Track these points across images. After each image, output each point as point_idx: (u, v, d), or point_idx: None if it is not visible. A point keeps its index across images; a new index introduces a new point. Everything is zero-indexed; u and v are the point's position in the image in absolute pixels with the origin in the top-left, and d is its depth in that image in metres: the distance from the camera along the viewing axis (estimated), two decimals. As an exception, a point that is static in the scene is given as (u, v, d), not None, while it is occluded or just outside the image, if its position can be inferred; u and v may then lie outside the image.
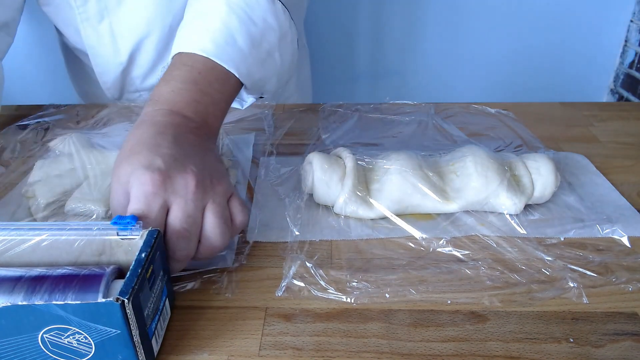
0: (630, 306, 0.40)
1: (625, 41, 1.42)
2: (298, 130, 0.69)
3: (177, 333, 0.38)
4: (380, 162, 0.52)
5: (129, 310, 0.31)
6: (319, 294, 0.42)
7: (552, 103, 0.78)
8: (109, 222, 0.37)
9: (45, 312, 0.31)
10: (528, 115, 0.71)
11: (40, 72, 1.41)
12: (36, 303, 0.30)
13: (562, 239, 0.48)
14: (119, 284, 0.32)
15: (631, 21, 1.39)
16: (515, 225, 0.49)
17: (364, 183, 0.51)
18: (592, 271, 0.44)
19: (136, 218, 0.37)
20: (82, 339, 0.32)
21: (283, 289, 0.42)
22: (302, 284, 0.43)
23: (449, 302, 0.41)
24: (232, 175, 0.56)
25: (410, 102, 0.73)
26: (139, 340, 0.32)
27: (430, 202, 0.49)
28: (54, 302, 0.30)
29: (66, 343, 0.32)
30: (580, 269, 0.44)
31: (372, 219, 0.50)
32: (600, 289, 0.42)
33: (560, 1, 1.36)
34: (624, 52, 1.43)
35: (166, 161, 0.40)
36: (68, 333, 0.31)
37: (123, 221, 0.36)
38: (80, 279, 0.33)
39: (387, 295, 0.42)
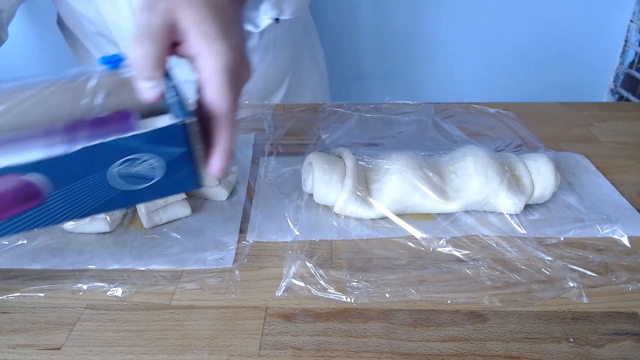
0: (630, 306, 0.40)
1: (625, 41, 1.42)
2: (298, 130, 0.69)
3: (177, 333, 0.39)
4: (380, 162, 0.52)
5: (193, 129, 0.34)
6: (319, 294, 0.42)
7: (552, 103, 0.78)
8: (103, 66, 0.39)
9: (116, 147, 0.33)
10: (528, 115, 0.71)
11: (40, 72, 1.41)
12: (108, 140, 0.32)
13: (562, 239, 0.48)
14: (160, 119, 0.36)
15: (631, 21, 1.39)
16: (515, 225, 0.49)
17: (364, 183, 0.51)
18: (592, 271, 0.44)
19: (121, 58, 0.38)
20: (150, 164, 0.34)
21: (283, 289, 0.42)
22: (302, 284, 0.43)
23: (449, 302, 0.41)
24: (232, 175, 0.56)
25: (410, 102, 0.73)
26: (198, 158, 0.36)
27: (430, 202, 0.49)
28: (125, 135, 0.32)
29: (135, 172, 0.34)
30: (580, 269, 0.44)
31: (372, 219, 0.50)
32: (600, 288, 0.42)
33: (560, 1, 1.36)
34: (624, 52, 1.43)
35: (240, 47, 0.38)
36: (138, 162, 0.34)
37: (113, 59, 0.38)
38: (113, 120, 0.35)
39: (387, 295, 0.42)
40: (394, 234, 0.48)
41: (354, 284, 0.43)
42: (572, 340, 0.38)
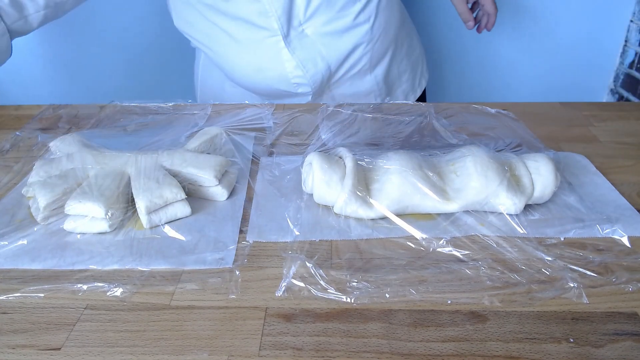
0: (630, 306, 0.40)
1: (625, 41, 1.42)
2: (298, 130, 0.69)
3: (177, 333, 0.39)
4: (380, 162, 0.52)
5: None
6: (319, 294, 0.42)
7: (552, 103, 0.78)
8: None
9: None
10: (528, 115, 0.71)
11: (40, 72, 1.41)
12: None
13: (562, 239, 0.48)
14: None
15: (631, 21, 1.39)
16: (515, 225, 0.49)
17: (364, 183, 0.51)
18: (592, 271, 0.44)
19: None
20: None
21: (283, 289, 0.42)
22: (302, 284, 0.43)
23: (449, 302, 0.41)
24: (232, 175, 0.56)
25: (410, 102, 0.73)
26: None
27: (430, 202, 0.49)
28: None
29: None
30: (580, 269, 0.44)
31: (372, 219, 0.50)
32: (600, 289, 0.42)
33: (560, 1, 1.36)
34: (624, 52, 1.43)
35: None
36: None
37: None
38: None
39: (387, 295, 0.42)
40: (394, 234, 0.48)
41: (354, 284, 0.43)
42: (572, 340, 0.38)
